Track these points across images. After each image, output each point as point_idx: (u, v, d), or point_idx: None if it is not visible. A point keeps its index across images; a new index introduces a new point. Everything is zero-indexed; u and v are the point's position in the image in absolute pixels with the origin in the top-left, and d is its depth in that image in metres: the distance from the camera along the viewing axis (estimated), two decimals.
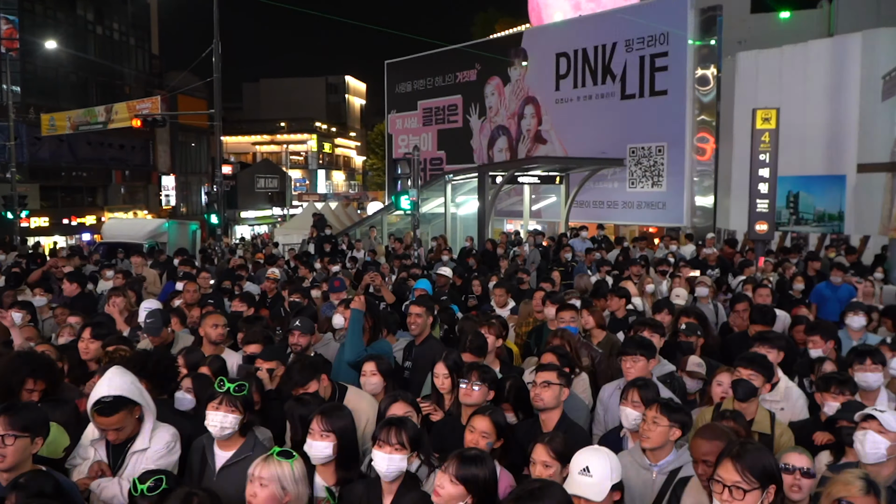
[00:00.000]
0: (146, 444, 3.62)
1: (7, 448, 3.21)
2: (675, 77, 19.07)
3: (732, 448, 2.95)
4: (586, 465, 3.10)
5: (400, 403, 4.02)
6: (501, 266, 13.11)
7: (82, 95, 38.45)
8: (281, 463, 3.10)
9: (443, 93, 27.74)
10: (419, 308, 6.08)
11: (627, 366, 4.87)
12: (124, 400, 3.57)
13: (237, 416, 3.68)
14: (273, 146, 68.61)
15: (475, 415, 3.87)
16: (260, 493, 3.05)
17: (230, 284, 10.07)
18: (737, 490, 2.80)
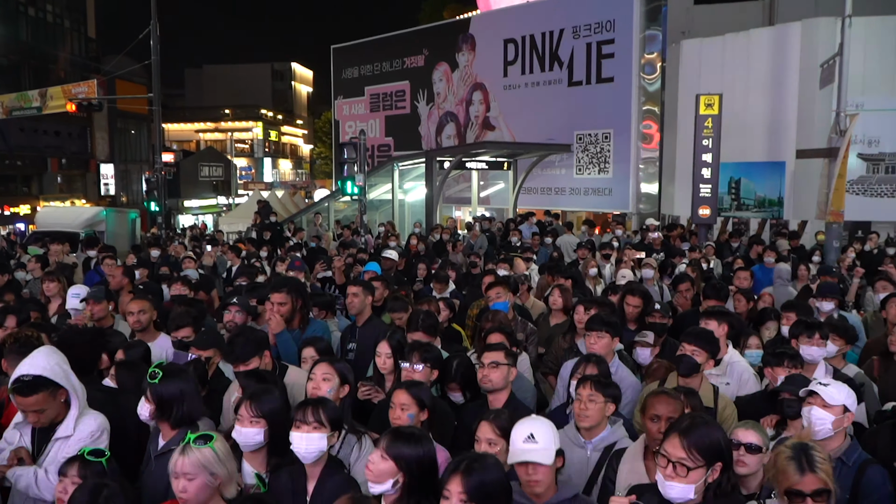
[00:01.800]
0: (70, 431, 3.42)
1: None
2: (622, 65, 19.23)
3: (682, 423, 2.90)
4: (530, 432, 3.04)
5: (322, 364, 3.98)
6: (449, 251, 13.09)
7: (14, 80, 36.90)
8: (201, 449, 2.90)
9: (390, 78, 27.49)
10: (355, 287, 6.00)
11: (591, 342, 4.90)
12: (45, 380, 3.36)
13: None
14: (217, 134, 67.16)
15: (396, 389, 3.81)
16: (190, 487, 2.86)
17: (168, 271, 9.78)
18: (681, 466, 2.76)
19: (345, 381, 3.95)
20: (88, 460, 3.00)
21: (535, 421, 3.16)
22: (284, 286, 5.56)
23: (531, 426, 3.09)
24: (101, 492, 2.52)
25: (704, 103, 13.97)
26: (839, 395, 3.50)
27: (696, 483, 2.76)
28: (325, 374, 3.91)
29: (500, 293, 6.14)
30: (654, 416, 3.49)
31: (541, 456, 2.99)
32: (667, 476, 2.77)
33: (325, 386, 3.89)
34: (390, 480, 2.86)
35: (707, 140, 14.05)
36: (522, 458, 2.99)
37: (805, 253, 12.33)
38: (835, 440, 3.51)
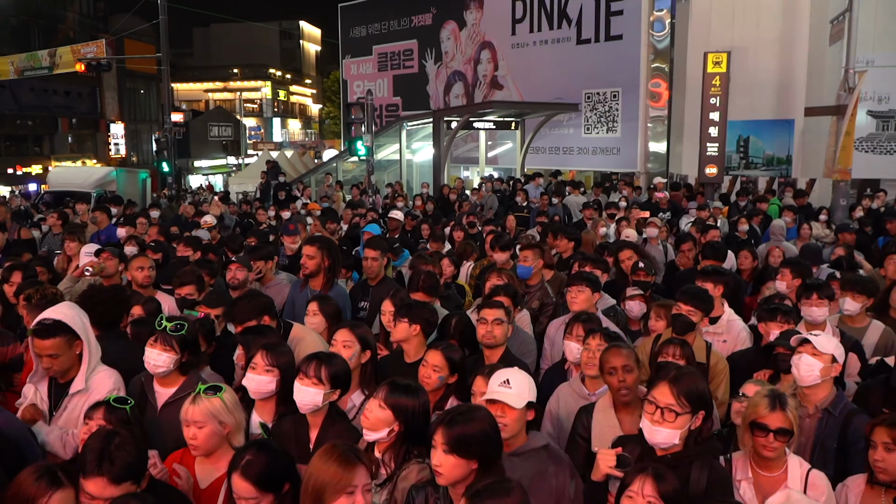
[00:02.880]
0: (82, 385, 3.55)
1: None
2: (631, 22, 19.00)
3: (669, 372, 3.05)
4: (506, 378, 3.14)
5: (343, 331, 4.02)
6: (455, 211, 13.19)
7: (23, 40, 36.81)
8: (210, 399, 3.08)
9: (398, 37, 27.24)
10: (374, 251, 6.06)
11: (572, 296, 4.98)
12: (64, 326, 3.49)
13: (172, 356, 3.62)
14: (226, 93, 66.81)
15: (430, 349, 3.90)
16: (199, 434, 3.05)
17: (178, 230, 9.92)
18: (669, 412, 2.91)
19: (366, 347, 3.97)
20: (114, 406, 3.12)
21: (514, 371, 3.25)
22: (318, 241, 5.61)
23: (509, 373, 3.19)
24: (112, 439, 2.61)
25: (712, 61, 13.88)
26: (829, 344, 3.63)
27: (682, 429, 2.92)
28: (345, 342, 3.94)
29: (527, 257, 6.16)
30: (611, 370, 3.57)
31: (511, 400, 3.07)
32: (654, 421, 2.92)
33: (346, 353, 3.90)
34: (386, 429, 3.01)
35: (715, 98, 13.99)
36: (492, 396, 3.09)
37: (811, 212, 12.34)
38: (822, 390, 3.65)
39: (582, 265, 5.78)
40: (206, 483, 3.14)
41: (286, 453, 2.85)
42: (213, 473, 3.13)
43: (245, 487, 2.63)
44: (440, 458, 2.66)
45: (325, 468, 2.57)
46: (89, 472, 2.54)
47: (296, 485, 2.76)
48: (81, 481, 2.56)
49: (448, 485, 2.71)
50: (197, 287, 5.18)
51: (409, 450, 3.05)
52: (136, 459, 2.64)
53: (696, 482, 2.94)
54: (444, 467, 2.66)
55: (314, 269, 5.45)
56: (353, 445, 2.81)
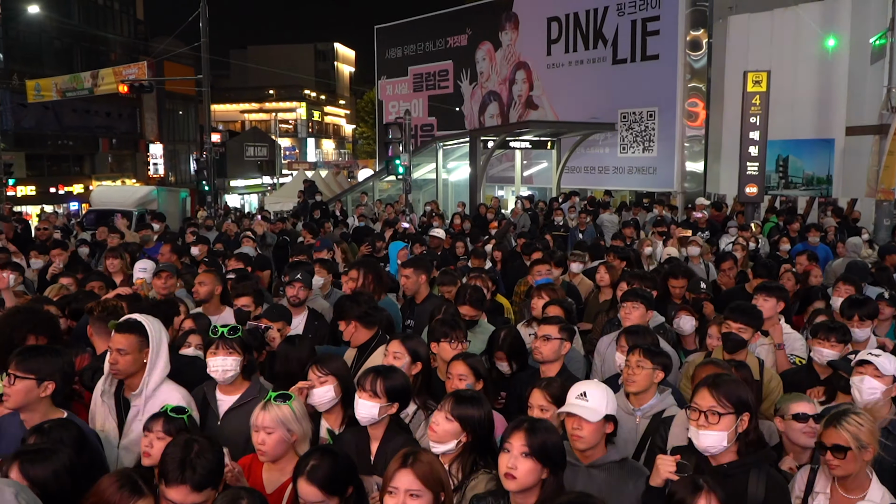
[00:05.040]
0: (141, 391, 3.63)
1: (11, 387, 3.28)
2: (667, 42, 19.00)
3: (708, 379, 3.09)
4: (583, 391, 3.17)
5: (395, 342, 4.10)
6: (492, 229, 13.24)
7: (67, 62, 37.85)
8: (280, 406, 3.17)
9: (433, 58, 27.52)
10: (408, 269, 6.15)
11: (626, 311, 5.00)
12: (142, 329, 3.60)
13: (237, 358, 3.72)
14: (262, 114, 67.95)
15: (452, 360, 3.96)
16: (268, 441, 3.13)
17: (223, 247, 10.11)
18: (712, 414, 2.94)
19: (416, 359, 4.02)
20: (172, 417, 3.19)
21: (592, 384, 3.30)
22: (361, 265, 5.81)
23: (586, 386, 3.23)
24: (192, 447, 2.67)
25: (752, 80, 13.82)
26: (890, 365, 3.62)
27: (728, 430, 2.94)
28: (396, 353, 4.02)
29: (540, 271, 6.25)
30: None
31: (587, 413, 3.10)
32: (700, 426, 2.95)
33: (397, 364, 3.95)
34: (454, 441, 3.06)
35: (755, 117, 13.90)
36: (569, 409, 3.12)
37: (852, 230, 12.19)
38: (881, 410, 3.62)
39: (630, 283, 5.78)
40: (272, 488, 3.21)
41: (349, 458, 2.91)
42: (279, 479, 3.20)
43: (311, 491, 2.69)
44: (516, 462, 2.70)
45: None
46: (172, 480, 2.61)
47: (359, 489, 2.83)
48: (163, 489, 2.63)
49: (517, 490, 2.73)
50: (254, 299, 5.29)
51: (476, 460, 3.09)
52: (216, 466, 2.72)
53: (755, 491, 2.96)
54: (519, 471, 2.70)
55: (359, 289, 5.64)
56: (426, 450, 2.87)
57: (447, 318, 4.58)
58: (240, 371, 3.75)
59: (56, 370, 3.39)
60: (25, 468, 2.70)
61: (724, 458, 3.00)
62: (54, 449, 2.79)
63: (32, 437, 3.00)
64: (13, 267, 6.95)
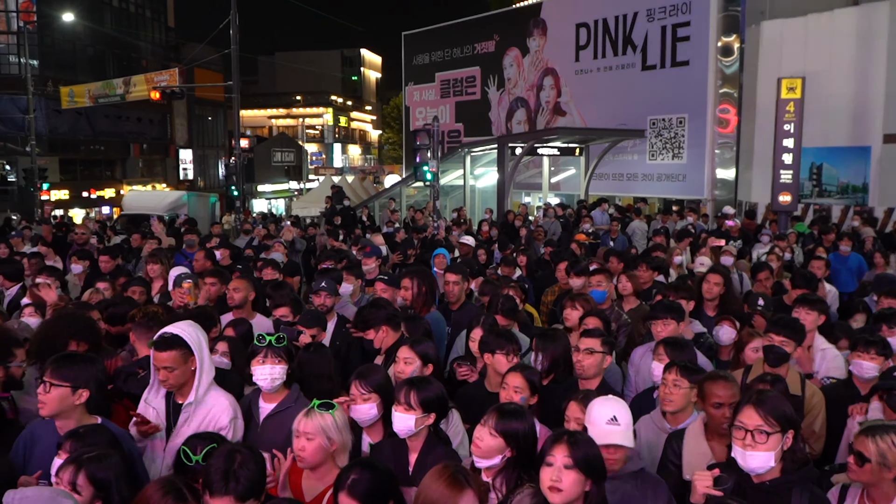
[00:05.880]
0: (192, 398, 3.66)
1: (47, 395, 3.31)
2: (698, 47, 18.83)
3: (752, 395, 3.01)
4: (613, 415, 3.12)
5: (403, 348, 4.13)
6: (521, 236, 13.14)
7: (99, 69, 38.43)
8: (323, 415, 3.18)
9: (461, 64, 27.55)
10: (455, 276, 6.13)
11: (658, 329, 4.92)
12: (181, 341, 3.62)
13: (283, 367, 3.77)
14: (289, 120, 68.51)
15: (510, 372, 3.91)
16: (308, 447, 3.14)
17: (253, 253, 10.15)
18: (759, 434, 2.87)
19: (427, 361, 4.09)
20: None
21: (613, 402, 3.22)
22: (416, 274, 5.86)
23: (612, 408, 3.16)
24: (235, 457, 2.68)
25: (786, 86, 13.63)
26: None
27: (775, 450, 2.88)
28: (406, 358, 4.08)
29: (601, 282, 6.17)
30: (716, 404, 3.51)
31: (624, 438, 3.08)
32: (746, 446, 2.89)
33: (408, 369, 4.07)
34: (499, 456, 3.03)
35: (789, 124, 13.70)
36: (608, 440, 3.06)
37: (891, 241, 11.95)
38: None
39: (665, 294, 5.69)
40: (311, 496, 3.23)
41: (390, 471, 2.90)
42: (317, 487, 3.22)
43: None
44: (560, 475, 2.67)
45: (434, 488, 2.63)
46: (216, 490, 2.62)
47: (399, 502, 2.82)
48: (207, 500, 2.64)
49: (563, 503, 2.70)
50: (292, 309, 5.30)
51: (521, 475, 3.05)
52: (259, 476, 2.72)
53: None
54: (564, 483, 2.67)
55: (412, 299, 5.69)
56: (463, 468, 2.84)
57: (502, 330, 4.56)
58: (285, 378, 3.79)
59: (90, 378, 3.42)
60: (91, 471, 2.74)
61: (767, 475, 2.94)
62: (109, 452, 2.83)
63: (68, 443, 3.03)
64: (50, 271, 7.06)
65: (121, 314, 5.31)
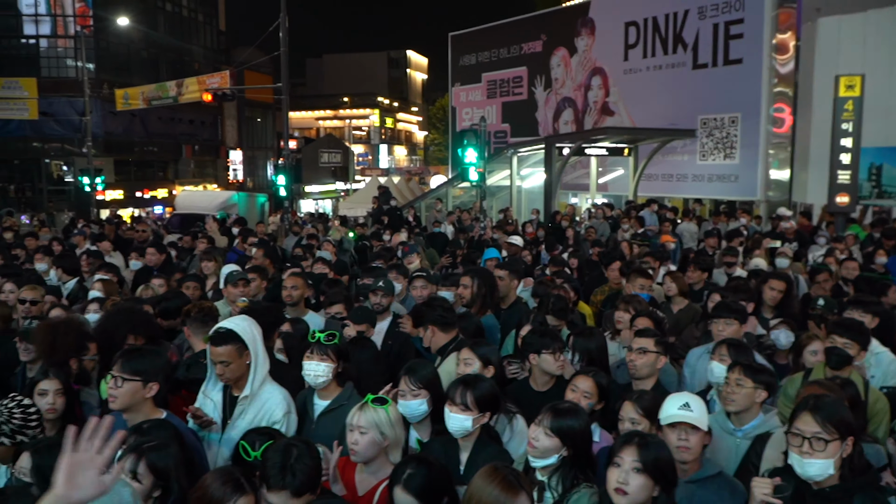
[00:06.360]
0: (248, 392, 3.70)
1: (118, 389, 3.37)
2: (752, 45, 18.42)
3: (809, 401, 2.93)
4: (686, 401, 3.13)
5: (465, 350, 4.11)
6: (568, 237, 13.06)
7: (153, 72, 39.35)
8: (377, 410, 3.20)
9: (507, 65, 27.45)
10: (503, 272, 6.15)
11: (719, 328, 4.85)
12: (235, 336, 3.66)
13: (330, 365, 3.77)
14: (336, 121, 69.26)
15: (580, 375, 3.88)
16: (361, 441, 3.15)
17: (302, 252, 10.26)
18: (817, 441, 2.79)
19: (487, 364, 4.05)
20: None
21: (689, 395, 3.25)
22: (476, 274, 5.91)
23: (687, 397, 3.18)
24: (291, 452, 2.70)
25: (845, 85, 13.22)
26: None
27: (834, 458, 2.80)
28: (466, 359, 4.06)
29: (644, 286, 6.14)
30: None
31: (697, 421, 3.07)
32: (803, 453, 2.81)
33: (467, 370, 4.04)
34: (556, 455, 3.01)
35: (847, 123, 13.29)
36: (679, 418, 3.07)
37: None
38: None
39: (727, 294, 5.58)
40: (363, 490, 3.25)
41: (445, 467, 2.90)
42: (370, 482, 3.23)
43: (408, 500, 2.69)
44: (627, 477, 2.64)
45: (487, 490, 2.60)
46: (273, 485, 2.64)
47: (454, 499, 2.81)
48: (264, 493, 2.66)
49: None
50: (346, 306, 5.34)
51: (577, 474, 3.03)
52: (315, 471, 2.74)
53: None
54: (631, 486, 2.64)
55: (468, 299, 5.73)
56: (515, 469, 2.82)
57: (547, 330, 4.53)
58: (332, 377, 3.79)
59: (159, 371, 3.50)
60: (151, 460, 2.80)
61: (827, 482, 2.86)
62: (168, 442, 2.88)
63: (132, 438, 3.07)
64: (108, 268, 7.28)
65: (174, 308, 5.43)
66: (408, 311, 5.95)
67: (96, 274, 6.89)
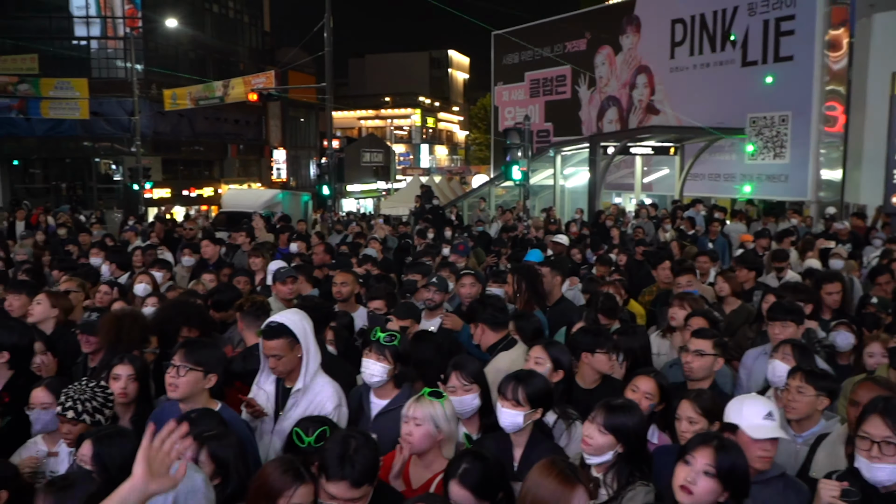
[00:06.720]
0: (300, 385, 3.73)
1: (180, 379, 3.43)
2: (803, 42, 18.01)
3: (878, 404, 2.84)
4: (769, 410, 3.04)
5: (537, 348, 4.05)
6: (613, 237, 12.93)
7: (200, 72, 39.89)
8: (433, 402, 3.20)
9: (551, 63, 27.28)
10: (545, 269, 6.13)
11: (776, 331, 4.74)
12: (287, 330, 3.69)
13: (385, 366, 3.74)
14: (378, 121, 69.70)
15: (640, 374, 3.83)
16: (416, 432, 3.15)
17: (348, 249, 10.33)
18: (887, 445, 2.71)
19: (559, 367, 3.97)
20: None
21: (762, 399, 3.16)
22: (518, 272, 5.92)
23: (767, 405, 3.09)
24: (350, 443, 2.71)
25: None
26: None
27: None
28: (537, 358, 3.98)
29: (690, 281, 6.05)
30: (853, 401, 3.40)
31: (780, 433, 3.03)
32: (872, 458, 2.73)
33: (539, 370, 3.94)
34: (611, 452, 2.98)
35: None
36: (765, 434, 2.98)
37: None
38: None
39: (784, 295, 5.45)
40: (417, 484, 3.24)
41: (500, 462, 2.89)
42: (423, 475, 3.23)
43: (463, 495, 2.68)
44: (696, 478, 2.58)
45: (544, 484, 2.57)
46: (332, 475, 2.65)
47: (509, 495, 2.80)
48: (323, 483, 2.67)
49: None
50: (387, 302, 5.35)
51: (632, 471, 2.98)
52: (373, 462, 2.74)
53: None
54: (698, 488, 2.58)
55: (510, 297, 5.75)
56: (572, 464, 2.78)
57: (601, 329, 4.49)
58: (387, 378, 3.77)
59: (219, 362, 3.55)
60: (212, 448, 2.85)
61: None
62: (229, 432, 2.92)
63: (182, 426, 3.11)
64: (161, 264, 7.43)
65: (226, 300, 5.52)
66: (453, 309, 5.96)
67: (151, 270, 7.04)
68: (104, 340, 4.37)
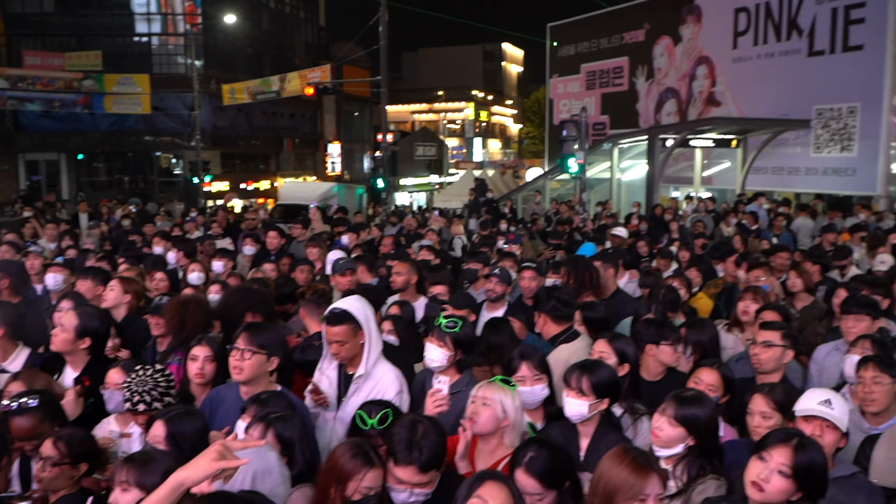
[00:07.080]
0: (362, 371, 3.75)
1: (245, 362, 3.47)
2: (874, 30, 17.35)
3: None
4: (828, 398, 2.97)
5: (601, 342, 4.02)
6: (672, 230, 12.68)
7: (257, 67, 40.58)
8: (504, 388, 3.19)
9: (608, 55, 26.90)
10: (597, 262, 6.08)
11: (849, 325, 4.60)
12: (350, 316, 3.71)
13: (445, 352, 3.74)
14: (431, 115, 69.85)
15: (702, 367, 3.76)
16: (482, 412, 3.13)
17: (404, 240, 10.40)
18: None
19: (624, 360, 3.90)
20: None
21: (833, 393, 3.08)
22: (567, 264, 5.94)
23: (830, 394, 3.02)
24: (417, 428, 2.72)
25: None
26: None
27: None
28: (602, 352, 3.93)
29: (759, 276, 5.93)
30: None
31: (835, 419, 2.91)
32: None
33: None
34: (681, 445, 2.92)
35: None
36: (817, 413, 2.92)
37: None
38: None
39: (858, 288, 5.27)
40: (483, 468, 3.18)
41: (566, 451, 2.87)
42: (488, 461, 3.21)
43: (530, 483, 2.66)
44: (770, 475, 2.50)
45: (617, 472, 2.54)
46: (400, 459, 2.67)
47: (576, 484, 2.77)
48: (391, 467, 2.69)
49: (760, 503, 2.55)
50: (448, 288, 5.36)
51: (703, 464, 2.92)
52: (440, 448, 2.74)
53: None
54: (771, 485, 2.51)
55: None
56: (646, 452, 2.73)
57: (666, 321, 4.42)
58: (447, 364, 3.77)
59: (281, 346, 3.59)
60: (279, 429, 2.89)
61: None
62: (294, 414, 2.95)
63: (253, 407, 3.15)
64: (223, 253, 7.57)
65: (286, 294, 5.62)
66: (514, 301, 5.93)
67: (213, 259, 7.18)
68: (169, 326, 4.47)
